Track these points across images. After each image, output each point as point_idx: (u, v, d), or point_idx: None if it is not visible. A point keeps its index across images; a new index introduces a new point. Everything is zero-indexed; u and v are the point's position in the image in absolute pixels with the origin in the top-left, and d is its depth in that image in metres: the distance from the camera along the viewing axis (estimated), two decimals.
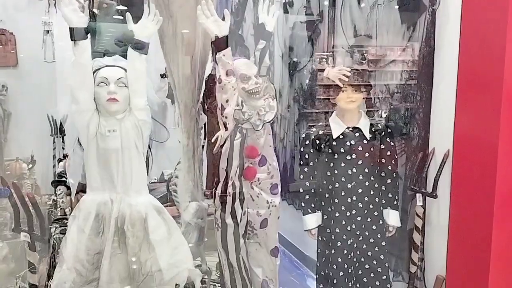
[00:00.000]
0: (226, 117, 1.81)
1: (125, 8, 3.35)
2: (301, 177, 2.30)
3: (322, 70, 3.42)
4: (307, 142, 2.30)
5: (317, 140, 2.27)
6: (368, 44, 2.73)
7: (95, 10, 2.59)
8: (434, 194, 2.16)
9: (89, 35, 1.68)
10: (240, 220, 1.91)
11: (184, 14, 2.02)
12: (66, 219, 2.95)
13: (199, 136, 2.21)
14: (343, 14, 2.98)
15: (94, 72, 1.68)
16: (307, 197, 2.28)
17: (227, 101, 1.79)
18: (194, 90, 2.12)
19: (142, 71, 1.71)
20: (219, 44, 1.78)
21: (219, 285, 2.54)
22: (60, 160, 3.58)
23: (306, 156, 2.29)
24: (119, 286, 1.73)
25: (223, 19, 1.80)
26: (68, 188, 3.00)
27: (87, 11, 1.63)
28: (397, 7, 2.48)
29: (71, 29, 1.61)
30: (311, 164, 2.29)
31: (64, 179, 3.02)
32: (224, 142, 1.85)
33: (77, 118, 1.68)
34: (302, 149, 2.31)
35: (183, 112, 2.13)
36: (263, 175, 1.94)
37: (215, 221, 1.94)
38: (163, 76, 3.18)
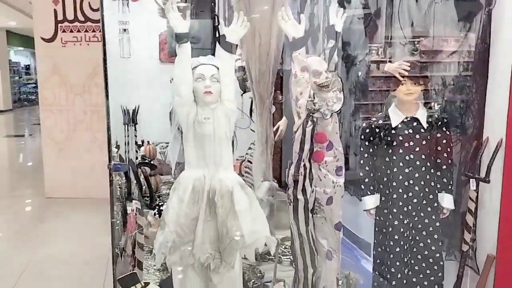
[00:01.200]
0: (299, 107, 2.10)
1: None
2: (361, 162, 2.55)
3: (375, 62, 3.61)
4: (367, 130, 2.54)
5: (376, 129, 2.50)
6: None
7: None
8: (487, 179, 2.34)
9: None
10: (309, 197, 2.20)
11: (262, 18, 2.33)
12: (147, 196, 3.37)
13: (271, 124, 2.52)
14: (400, 11, 3.16)
15: (192, 69, 2.02)
16: (366, 180, 2.53)
17: (301, 93, 2.08)
18: (268, 84, 2.42)
19: (231, 68, 2.03)
20: (296, 44, 2.07)
21: (285, 257, 2.87)
22: (139, 146, 4.02)
23: (366, 143, 2.54)
24: (210, 247, 2.07)
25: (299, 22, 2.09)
26: (151, 169, 3.42)
27: (188, 18, 1.95)
28: (453, 5, 2.65)
29: (176, 34, 1.96)
30: (371, 150, 2.54)
31: (145, 160, 3.44)
32: (297, 129, 2.14)
33: (179, 108, 2.02)
34: (362, 137, 2.55)
35: (258, 103, 2.44)
36: (330, 158, 2.21)
37: (288, 197, 2.24)
38: None
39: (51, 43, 5.64)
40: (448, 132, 2.48)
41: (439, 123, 2.46)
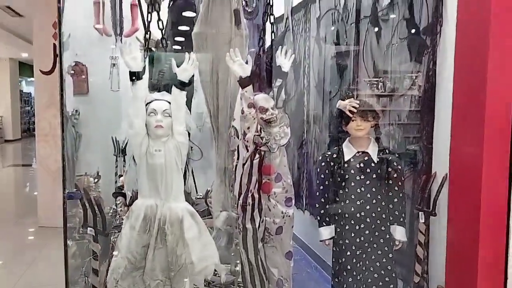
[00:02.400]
0: (247, 141, 2.24)
1: (178, 48, 3.93)
2: (317, 194, 2.66)
3: (376, 96, 3.72)
4: (323, 164, 2.66)
5: (331, 162, 2.62)
6: (384, 77, 3.07)
7: (153, 48, 3.15)
8: (433, 212, 2.43)
9: (144, 76, 2.19)
10: (259, 226, 2.30)
11: (219, 57, 2.50)
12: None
13: (230, 157, 2.65)
14: (365, 51, 3.34)
15: (146, 104, 2.18)
16: (322, 211, 2.62)
17: (248, 128, 2.23)
18: (226, 118, 2.57)
19: (182, 104, 2.19)
20: (243, 83, 2.23)
21: None
22: (120, 176, 4.15)
23: (322, 176, 2.65)
24: (160, 274, 2.17)
25: (247, 62, 2.26)
26: (126, 198, 3.53)
27: (142, 58, 2.13)
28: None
29: (130, 72, 2.13)
30: (326, 183, 2.65)
31: (123, 191, 3.56)
32: (246, 162, 2.27)
33: (132, 139, 2.18)
34: (318, 170, 2.68)
35: (217, 136, 2.59)
36: (279, 189, 2.32)
37: (238, 226, 2.35)
38: None
39: (50, 75, 5.90)
40: (399, 167, 2.59)
41: (390, 158, 2.57)
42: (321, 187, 2.64)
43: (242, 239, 2.31)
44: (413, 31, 2.73)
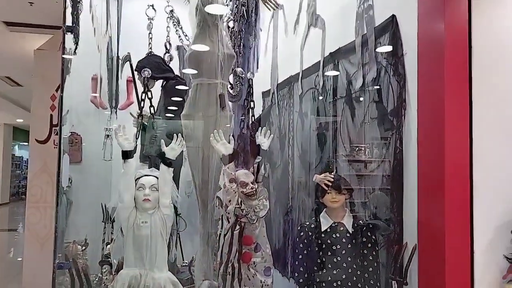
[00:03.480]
0: (228, 213, 2.41)
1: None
2: (296, 263, 2.78)
3: (362, 161, 3.92)
4: (301, 234, 2.81)
5: (309, 232, 2.78)
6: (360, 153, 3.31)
7: (145, 123, 3.39)
8: (405, 281, 2.56)
9: (135, 155, 2.41)
10: None
11: (205, 136, 2.73)
12: None
13: (214, 226, 2.80)
14: (341, 127, 3.61)
15: (136, 179, 2.37)
16: (301, 280, 2.74)
17: (229, 201, 2.41)
18: (210, 191, 2.76)
19: (169, 179, 2.39)
20: (225, 160, 2.45)
21: None
22: (108, 243, 4.22)
23: (301, 245, 2.79)
24: None
25: (229, 142, 2.50)
26: (112, 267, 3.59)
27: (134, 138, 2.36)
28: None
29: (123, 152, 2.35)
30: (305, 252, 2.78)
31: (109, 259, 3.63)
32: (227, 232, 2.43)
33: (121, 212, 2.34)
34: (297, 240, 2.82)
35: (201, 207, 2.76)
36: (258, 259, 2.46)
37: None
38: None
39: (44, 144, 6.12)
40: (374, 237, 2.75)
41: (364, 228, 2.74)
42: (300, 256, 2.78)
43: None
44: (381, 112, 3.01)
